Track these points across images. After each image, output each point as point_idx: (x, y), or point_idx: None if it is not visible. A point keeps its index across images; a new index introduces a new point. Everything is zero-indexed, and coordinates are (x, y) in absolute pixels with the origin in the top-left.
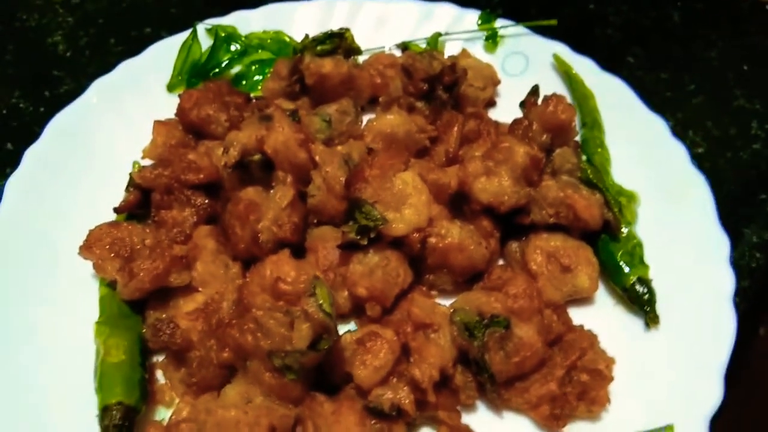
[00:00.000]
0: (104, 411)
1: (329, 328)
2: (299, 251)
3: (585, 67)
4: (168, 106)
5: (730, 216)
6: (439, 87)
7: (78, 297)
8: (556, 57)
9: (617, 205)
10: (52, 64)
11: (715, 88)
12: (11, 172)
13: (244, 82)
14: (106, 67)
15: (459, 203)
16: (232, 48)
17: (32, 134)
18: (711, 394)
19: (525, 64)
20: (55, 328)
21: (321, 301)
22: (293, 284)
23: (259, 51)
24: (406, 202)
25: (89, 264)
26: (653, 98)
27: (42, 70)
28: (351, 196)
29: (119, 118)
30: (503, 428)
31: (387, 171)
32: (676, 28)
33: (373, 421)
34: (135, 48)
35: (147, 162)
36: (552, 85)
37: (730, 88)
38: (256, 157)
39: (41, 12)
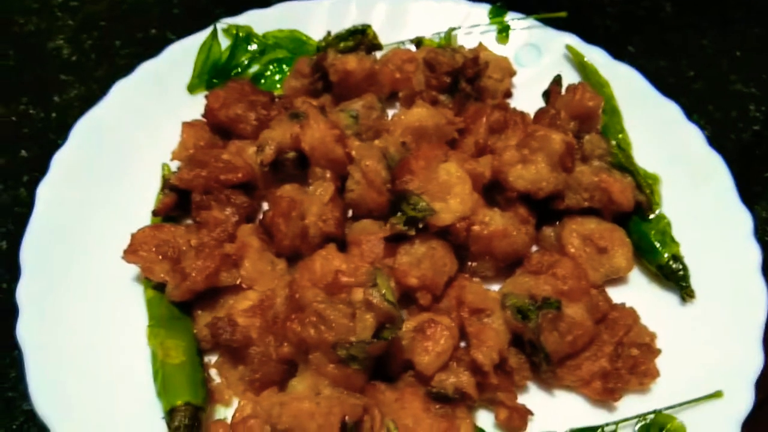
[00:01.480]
0: (171, 413)
1: (394, 317)
2: (341, 246)
3: (596, 57)
4: (189, 108)
5: (740, 194)
6: (462, 79)
7: (121, 302)
8: (569, 47)
9: (648, 187)
10: (58, 69)
11: (712, 74)
12: (29, 180)
13: (263, 81)
14: (115, 70)
15: (492, 192)
16: (251, 48)
17: (48, 141)
18: (754, 359)
19: (537, 55)
20: (102, 334)
21: (383, 291)
22: (354, 275)
23: (276, 50)
24: (451, 191)
25: (129, 267)
26: (656, 85)
27: (48, 76)
28: (397, 188)
29: (141, 120)
30: (555, 406)
31: (431, 162)
32: (669, 17)
33: (437, 406)
34: (142, 50)
35: (176, 164)
36: (566, 75)
37: (725, 74)
38: (291, 154)
39: (39, 16)
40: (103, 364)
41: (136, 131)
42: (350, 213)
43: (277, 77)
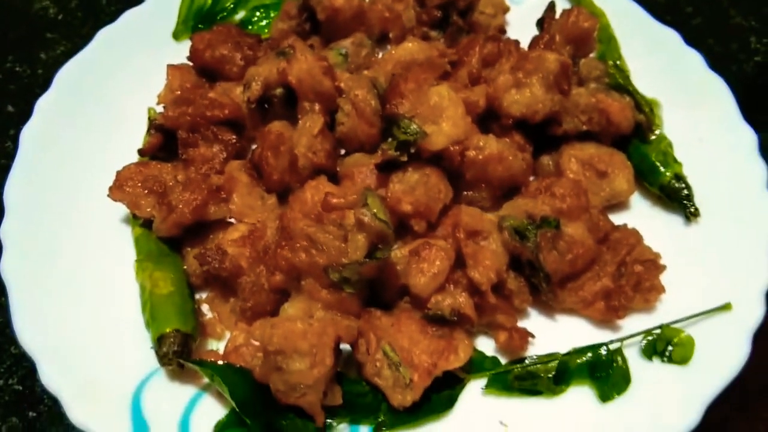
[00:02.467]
0: (160, 339)
1: (386, 235)
2: (333, 180)
3: None
4: (174, 54)
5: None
6: (453, 13)
7: (109, 241)
8: None
9: (647, 106)
10: (44, 28)
11: (711, 9)
12: (15, 134)
13: (250, 27)
14: (102, 26)
15: (487, 122)
16: None
17: (34, 96)
18: (763, 271)
19: None
20: (89, 272)
21: (375, 210)
22: (344, 197)
23: None
24: (443, 114)
25: (116, 208)
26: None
27: (34, 34)
28: (388, 113)
29: (126, 67)
30: (557, 329)
31: (422, 84)
32: None
33: (434, 329)
34: (128, 7)
35: (162, 108)
36: (560, 9)
37: (725, 9)
38: (279, 91)
39: None
40: (90, 301)
41: (121, 78)
42: (343, 152)
43: (264, 23)
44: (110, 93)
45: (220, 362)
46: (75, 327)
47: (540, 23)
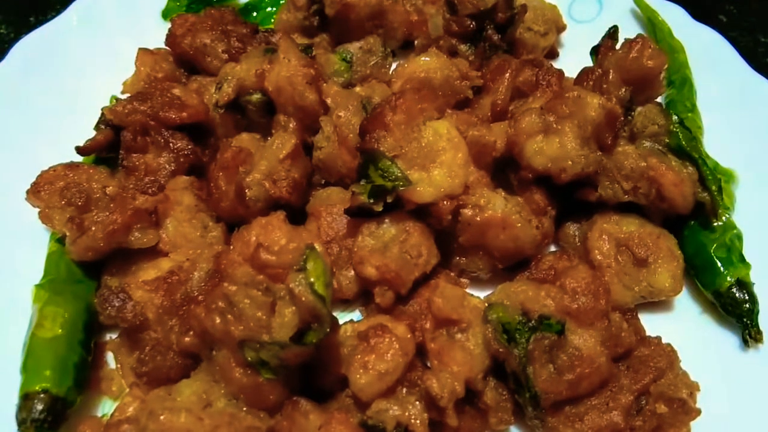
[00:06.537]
0: (24, 399)
1: (320, 317)
2: (299, 217)
3: (673, 16)
4: (161, 36)
5: None
6: (489, 26)
7: (20, 253)
8: (638, 1)
9: (716, 182)
10: None
11: None
12: None
13: (255, 14)
14: None
15: (505, 170)
16: None
17: None
18: None
19: (598, 9)
20: None
21: (312, 279)
22: (279, 254)
23: None
24: (437, 159)
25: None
26: (751, 64)
27: None
28: (365, 147)
29: (101, 45)
30: None
31: (415, 117)
32: None
33: None
34: None
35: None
36: (631, 35)
37: None
38: (255, 96)
39: None
40: None
41: (91, 56)
42: (323, 182)
43: (272, 10)
44: (75, 74)
45: None
46: None
47: (594, 52)
